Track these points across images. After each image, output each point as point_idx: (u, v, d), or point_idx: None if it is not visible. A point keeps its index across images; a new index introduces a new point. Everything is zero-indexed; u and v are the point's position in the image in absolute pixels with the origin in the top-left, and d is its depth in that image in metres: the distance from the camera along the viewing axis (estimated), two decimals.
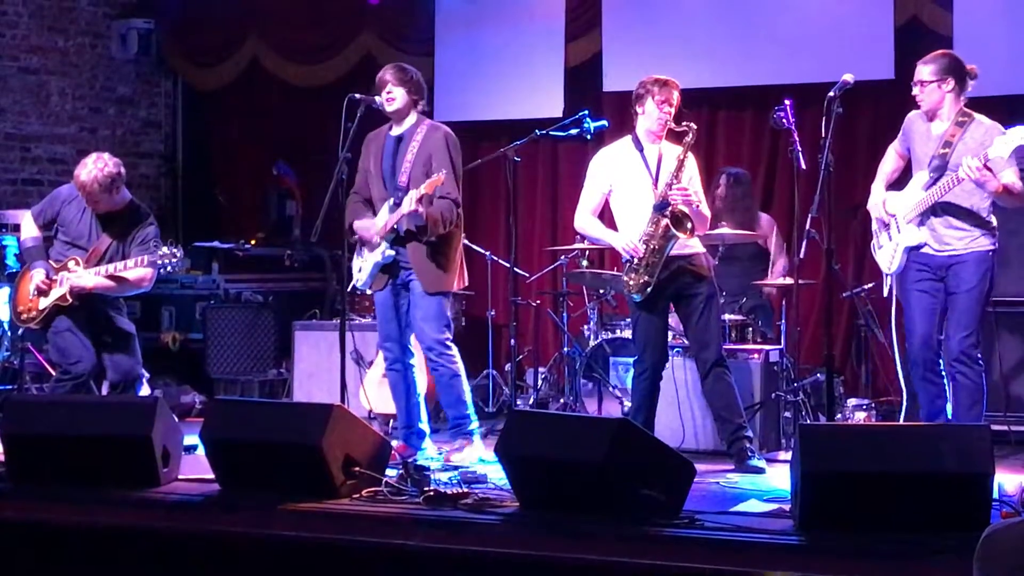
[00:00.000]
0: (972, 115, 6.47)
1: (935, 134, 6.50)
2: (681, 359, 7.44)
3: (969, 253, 6.44)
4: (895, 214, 6.59)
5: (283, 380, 9.59)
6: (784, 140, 7.25)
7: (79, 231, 7.41)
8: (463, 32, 10.24)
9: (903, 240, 6.56)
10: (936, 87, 6.45)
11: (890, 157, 6.78)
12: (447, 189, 6.83)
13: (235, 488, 5.98)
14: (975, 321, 6.47)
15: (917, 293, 6.55)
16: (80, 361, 7.30)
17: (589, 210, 7.05)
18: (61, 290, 7.30)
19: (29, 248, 7.54)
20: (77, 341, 7.32)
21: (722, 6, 9.41)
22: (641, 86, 6.89)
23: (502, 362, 9.31)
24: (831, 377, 6.37)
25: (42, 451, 6.17)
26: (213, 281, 10.13)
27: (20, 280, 7.55)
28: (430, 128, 6.98)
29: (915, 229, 6.52)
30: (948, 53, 6.62)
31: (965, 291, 6.42)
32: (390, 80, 6.96)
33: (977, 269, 6.44)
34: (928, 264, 6.51)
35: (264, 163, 10.98)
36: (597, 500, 5.27)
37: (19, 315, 7.48)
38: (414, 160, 6.87)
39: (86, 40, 11.05)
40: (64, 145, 10.81)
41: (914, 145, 6.61)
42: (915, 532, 4.90)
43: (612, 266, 8.98)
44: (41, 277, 7.34)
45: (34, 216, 7.56)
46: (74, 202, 7.43)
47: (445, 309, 7.06)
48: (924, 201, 6.44)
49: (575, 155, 9.89)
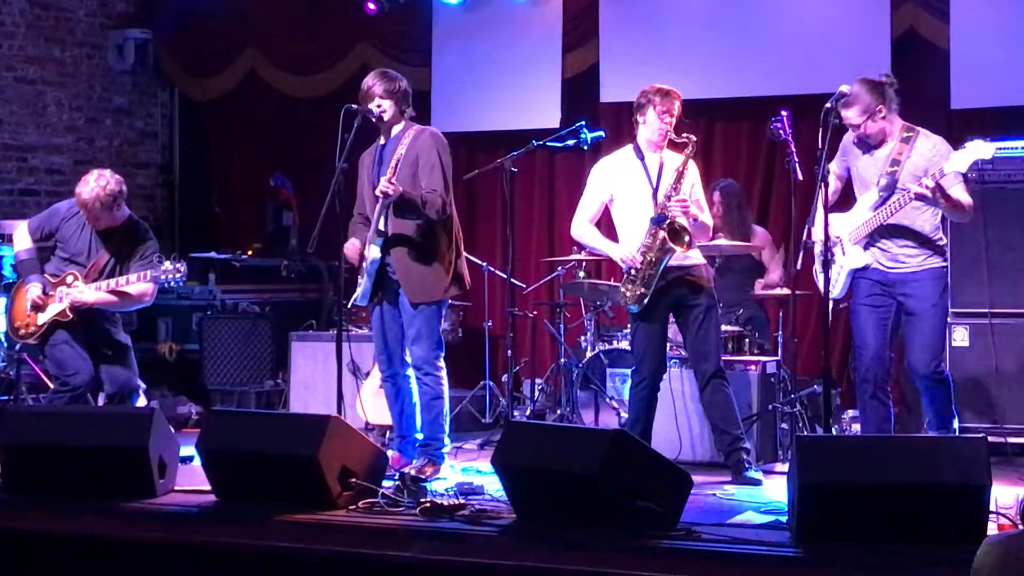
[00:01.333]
0: (916, 130, 6.44)
1: (880, 154, 6.47)
2: (678, 370, 7.44)
3: (924, 271, 6.41)
4: (839, 236, 6.53)
5: (279, 391, 9.59)
6: (781, 151, 7.24)
7: (78, 247, 7.38)
8: (460, 43, 10.25)
9: (848, 263, 6.52)
10: (871, 122, 6.40)
11: (829, 181, 6.72)
12: (433, 184, 6.80)
13: (231, 499, 5.97)
14: (940, 340, 6.48)
15: (868, 308, 6.51)
16: (77, 373, 7.28)
17: (587, 218, 7.05)
18: (60, 306, 7.28)
19: (23, 261, 7.50)
20: (75, 354, 7.30)
21: (719, 17, 9.43)
22: (642, 95, 6.88)
23: (499, 373, 9.30)
24: (828, 388, 6.35)
25: (38, 462, 6.15)
26: (210, 292, 10.13)
27: (15, 294, 7.51)
28: (417, 131, 6.93)
29: (860, 251, 6.49)
30: (861, 82, 6.44)
31: (928, 308, 6.40)
32: (379, 94, 6.91)
33: (936, 286, 6.43)
34: (880, 280, 6.47)
35: (261, 174, 10.97)
36: (594, 511, 5.26)
37: (16, 330, 7.45)
38: (401, 161, 6.80)
39: (83, 51, 11.06)
40: (61, 156, 10.82)
41: (856, 163, 6.57)
42: (912, 544, 4.90)
43: (609, 277, 8.99)
44: (37, 292, 7.31)
45: (31, 229, 7.52)
46: (73, 219, 7.41)
47: (437, 325, 6.96)
48: (872, 221, 6.40)
49: (572, 166, 9.92)
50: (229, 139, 11.53)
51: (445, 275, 6.88)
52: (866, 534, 4.98)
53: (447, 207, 6.83)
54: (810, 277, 7.71)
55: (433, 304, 6.91)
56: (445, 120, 9.73)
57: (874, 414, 6.51)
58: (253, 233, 11.10)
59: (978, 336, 7.57)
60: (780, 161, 7.25)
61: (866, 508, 5.01)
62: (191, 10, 11.07)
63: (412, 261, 6.83)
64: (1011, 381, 7.59)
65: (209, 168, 11.67)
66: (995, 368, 7.52)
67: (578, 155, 8.90)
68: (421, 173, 6.80)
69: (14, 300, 7.49)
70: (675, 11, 9.62)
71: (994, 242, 7.01)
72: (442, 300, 7.00)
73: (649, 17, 9.64)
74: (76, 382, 7.28)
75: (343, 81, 10.58)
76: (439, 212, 6.77)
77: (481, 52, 10.17)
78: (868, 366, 6.50)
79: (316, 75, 10.83)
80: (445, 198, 6.81)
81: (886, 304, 6.47)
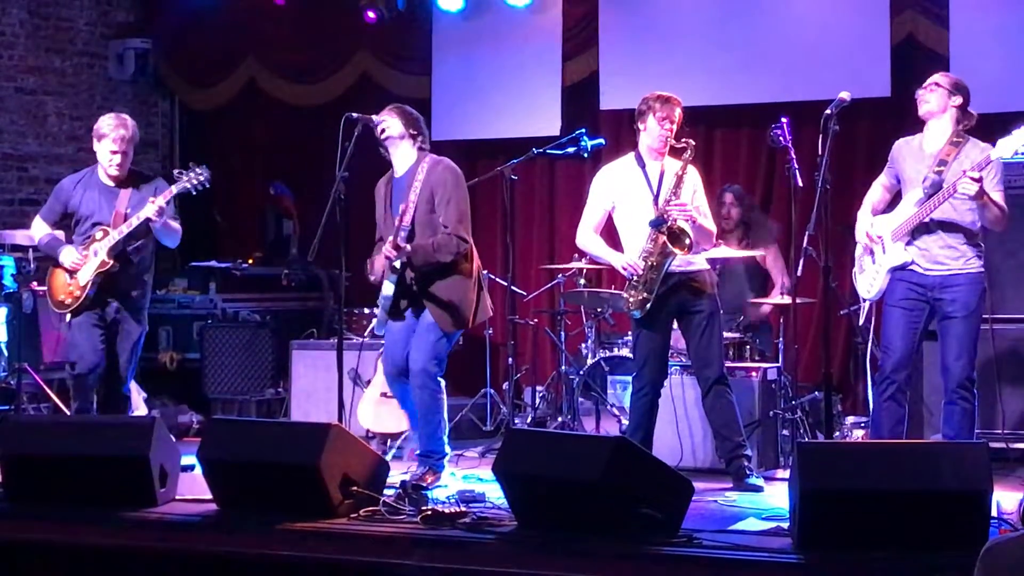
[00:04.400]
0: (967, 137, 6.47)
1: (928, 152, 6.49)
2: (679, 377, 7.44)
3: (963, 274, 6.41)
4: (882, 235, 6.56)
5: (280, 400, 9.58)
6: (781, 158, 7.24)
7: (92, 208, 7.36)
8: (460, 51, 10.26)
9: (888, 261, 6.53)
10: (945, 94, 6.44)
11: (876, 190, 6.76)
12: (448, 219, 6.81)
13: (233, 508, 5.97)
14: (974, 346, 6.44)
15: (901, 310, 6.51)
16: (81, 359, 7.26)
17: (591, 227, 7.05)
18: (97, 259, 7.24)
19: (48, 242, 7.45)
20: (87, 341, 7.26)
21: (719, 25, 9.43)
22: (643, 102, 6.89)
23: (500, 381, 9.30)
24: (829, 395, 6.35)
25: (39, 471, 6.15)
26: (210, 301, 10.13)
27: (50, 275, 7.42)
28: (431, 164, 6.93)
29: (902, 249, 6.49)
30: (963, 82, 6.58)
31: (964, 316, 6.38)
32: (386, 113, 6.96)
33: (974, 291, 6.41)
34: (917, 283, 6.47)
35: (261, 183, 10.99)
36: (595, 518, 5.26)
37: (61, 303, 7.33)
38: (418, 199, 6.83)
39: (83, 60, 11.07)
40: (61, 165, 10.81)
41: (904, 166, 6.58)
42: (914, 550, 4.90)
43: (610, 284, 8.99)
44: (73, 256, 7.26)
45: (44, 218, 7.53)
46: (79, 184, 7.42)
47: (446, 347, 6.94)
48: (915, 217, 6.41)
49: (572, 173, 9.92)
50: (229, 148, 11.52)
51: (470, 306, 6.90)
52: (867, 540, 4.97)
53: (462, 244, 6.84)
54: (810, 284, 7.75)
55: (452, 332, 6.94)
56: (445, 128, 9.75)
57: (890, 415, 6.50)
58: (253, 242, 11.11)
59: (980, 341, 7.56)
60: (780, 168, 7.24)
61: (867, 514, 5.01)
62: (191, 20, 11.07)
63: (436, 293, 6.85)
64: (1012, 386, 7.59)
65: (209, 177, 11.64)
66: (996, 373, 7.51)
67: (578, 163, 8.90)
68: (438, 209, 6.82)
69: (50, 281, 7.40)
70: (674, 18, 9.62)
71: (995, 247, 7.00)
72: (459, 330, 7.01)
73: (649, 24, 9.64)
74: (79, 369, 7.26)
75: (343, 90, 10.60)
76: (454, 253, 6.80)
77: (481, 60, 10.18)
78: (893, 367, 6.49)
79: (316, 84, 10.83)
80: (460, 235, 6.82)
81: (919, 308, 6.48)
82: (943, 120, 6.48)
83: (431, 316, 6.84)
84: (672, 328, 7.06)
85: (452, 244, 6.79)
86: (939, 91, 6.45)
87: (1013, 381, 7.60)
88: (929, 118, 6.50)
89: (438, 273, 6.84)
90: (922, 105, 6.51)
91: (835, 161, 6.58)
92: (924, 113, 6.50)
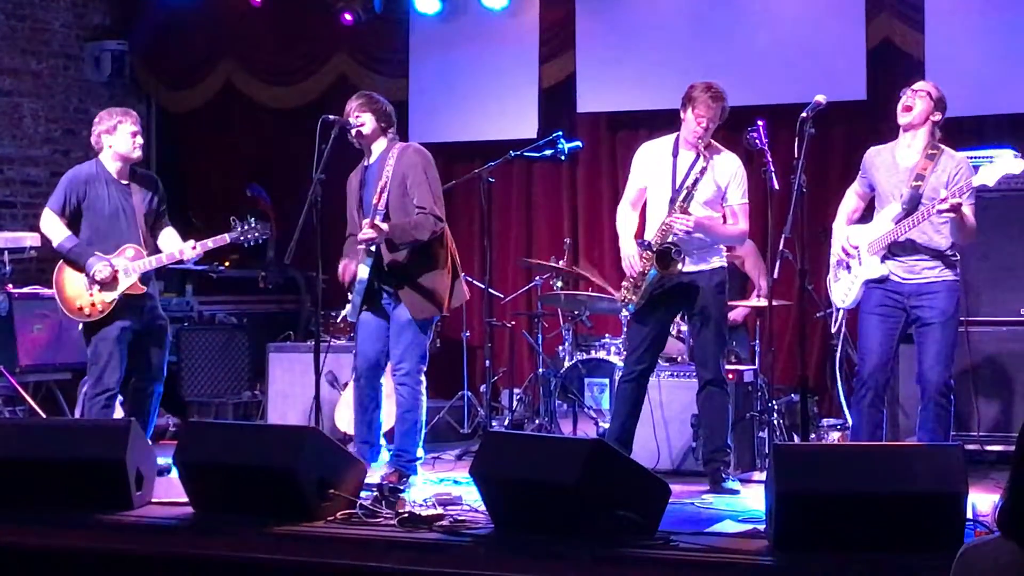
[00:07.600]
0: (941, 148, 6.46)
1: (903, 166, 6.48)
2: (656, 379, 7.44)
3: (939, 282, 6.41)
4: (858, 246, 6.56)
5: (257, 402, 9.56)
6: (757, 161, 7.27)
7: (112, 206, 7.29)
8: (437, 53, 10.25)
9: (864, 273, 6.54)
10: (930, 107, 6.42)
11: (850, 199, 6.76)
12: (422, 201, 6.82)
13: (209, 511, 5.96)
14: (952, 353, 6.45)
15: (878, 317, 6.51)
16: (114, 374, 7.23)
17: (628, 201, 7.08)
18: (129, 280, 7.21)
19: (73, 248, 7.26)
20: (116, 354, 7.22)
21: (695, 28, 9.44)
22: (691, 89, 6.90)
23: (477, 383, 9.31)
24: (805, 397, 6.36)
25: (14, 474, 6.12)
26: (187, 303, 10.10)
27: (63, 277, 7.30)
28: (401, 149, 6.95)
29: (878, 263, 6.49)
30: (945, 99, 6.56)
31: (941, 322, 6.38)
32: (356, 108, 6.95)
33: (951, 298, 6.42)
34: (894, 291, 6.47)
35: (238, 185, 10.95)
36: (572, 521, 5.26)
37: (79, 310, 7.25)
38: (389, 182, 6.83)
39: (59, 62, 11.02)
40: (37, 167, 10.77)
41: (878, 177, 6.57)
42: (889, 552, 4.92)
43: (586, 288, 8.98)
44: (107, 272, 7.15)
45: (57, 211, 7.32)
46: (89, 180, 7.30)
47: (426, 339, 6.96)
48: (893, 233, 6.40)
49: (549, 176, 9.93)
50: (206, 150, 11.50)
51: (444, 291, 6.91)
52: (844, 542, 4.98)
53: (438, 223, 6.84)
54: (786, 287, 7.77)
55: (427, 319, 6.93)
56: (423, 131, 9.75)
57: (869, 420, 6.51)
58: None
59: None
60: (756, 171, 7.25)
61: (844, 516, 5.02)
62: (168, 22, 11.04)
63: (410, 278, 6.85)
64: (988, 389, 7.61)
65: (186, 179, 11.62)
66: (972, 376, 7.54)
67: (555, 165, 8.91)
68: (410, 192, 6.82)
69: (62, 280, 7.30)
70: (651, 22, 9.62)
71: (970, 251, 7.02)
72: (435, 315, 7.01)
73: (625, 28, 9.65)
74: (110, 383, 7.21)
75: (320, 92, 10.58)
76: (431, 230, 6.80)
77: (458, 63, 10.17)
78: (870, 373, 6.48)
79: (293, 86, 10.81)
80: (436, 213, 6.82)
81: (895, 315, 6.48)
82: (919, 133, 6.47)
83: (406, 308, 6.83)
84: (670, 323, 7.08)
85: (430, 222, 6.79)
86: (927, 100, 6.43)
87: (988, 384, 7.62)
88: (908, 129, 6.48)
89: (413, 257, 6.84)
90: (904, 112, 6.48)
91: (811, 164, 6.60)
92: (905, 123, 6.47)
